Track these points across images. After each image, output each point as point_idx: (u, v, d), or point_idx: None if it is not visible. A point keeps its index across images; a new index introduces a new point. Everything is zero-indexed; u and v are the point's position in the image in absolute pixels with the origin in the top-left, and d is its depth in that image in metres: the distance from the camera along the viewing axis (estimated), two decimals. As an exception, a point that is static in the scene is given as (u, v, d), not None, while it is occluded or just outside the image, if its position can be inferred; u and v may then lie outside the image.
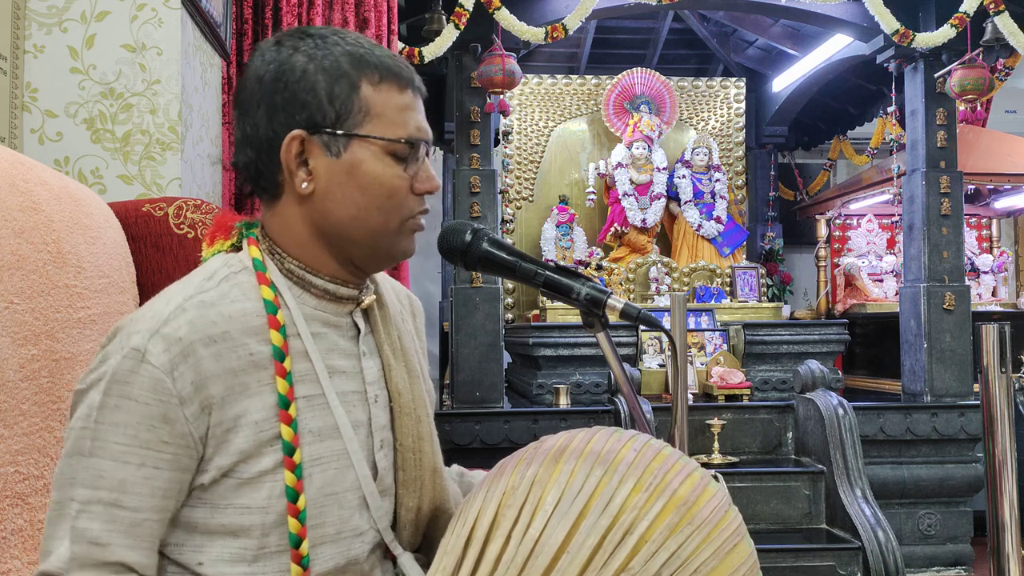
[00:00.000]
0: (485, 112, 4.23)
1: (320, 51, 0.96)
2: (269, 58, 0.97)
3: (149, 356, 0.87)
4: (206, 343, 0.89)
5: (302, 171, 0.96)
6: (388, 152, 0.97)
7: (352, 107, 0.96)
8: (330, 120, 0.95)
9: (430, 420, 1.09)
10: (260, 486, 0.90)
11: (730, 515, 0.88)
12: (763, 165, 6.21)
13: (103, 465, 0.86)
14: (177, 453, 0.88)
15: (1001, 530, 1.21)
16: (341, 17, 3.11)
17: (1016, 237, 6.15)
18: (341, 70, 0.96)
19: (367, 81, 0.96)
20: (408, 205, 0.99)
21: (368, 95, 0.96)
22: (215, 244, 1.03)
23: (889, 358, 4.84)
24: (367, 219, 0.97)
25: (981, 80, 3.91)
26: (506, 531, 0.85)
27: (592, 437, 0.93)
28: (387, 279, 1.16)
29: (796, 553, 3.50)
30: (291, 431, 0.91)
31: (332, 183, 0.96)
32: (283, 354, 0.93)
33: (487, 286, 4.16)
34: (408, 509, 1.04)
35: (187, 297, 0.92)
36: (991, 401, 1.21)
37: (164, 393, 0.87)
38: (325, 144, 0.96)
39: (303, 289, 1.00)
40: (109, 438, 0.86)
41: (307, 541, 0.92)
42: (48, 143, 1.97)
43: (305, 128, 0.95)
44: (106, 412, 0.87)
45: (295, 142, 0.95)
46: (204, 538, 0.91)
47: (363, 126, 0.96)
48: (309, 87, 0.95)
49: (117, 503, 0.86)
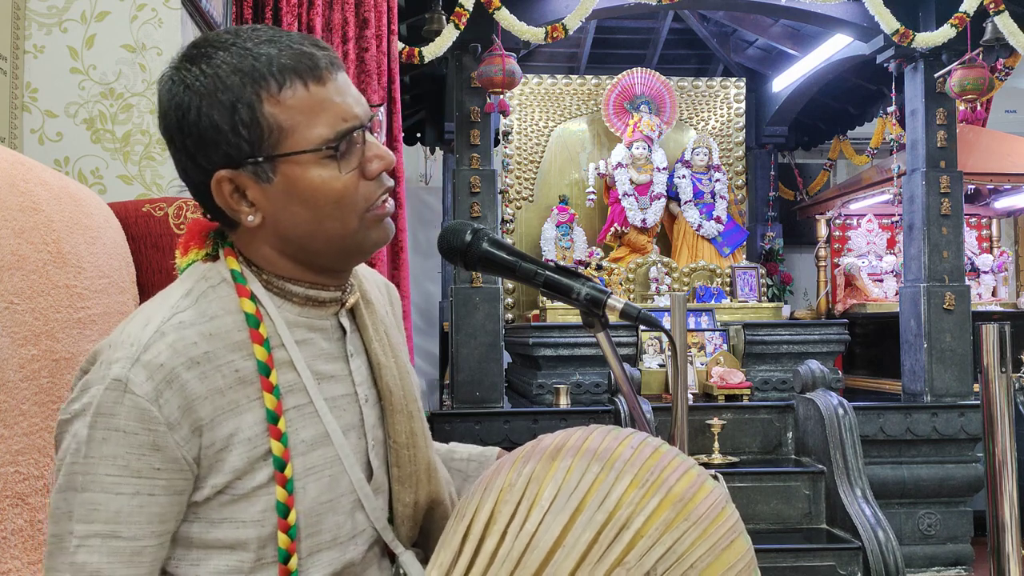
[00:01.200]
0: (485, 112, 4.23)
1: (206, 79, 0.89)
2: (166, 96, 0.92)
3: (132, 386, 0.85)
4: (188, 366, 0.87)
5: (243, 205, 0.93)
6: (320, 159, 0.91)
7: (261, 130, 0.90)
8: (245, 151, 0.90)
9: (421, 415, 1.08)
10: (255, 500, 0.89)
11: (727, 511, 0.89)
12: (763, 165, 6.21)
13: (97, 499, 0.84)
14: (171, 478, 0.86)
15: (1001, 530, 1.21)
16: (341, 17, 3.11)
17: (1016, 237, 6.15)
18: (234, 96, 0.89)
19: (265, 96, 0.89)
20: (363, 197, 0.94)
21: (272, 111, 0.89)
22: (189, 253, 0.99)
23: (889, 358, 4.84)
24: (323, 229, 0.93)
25: (981, 80, 3.91)
26: (502, 526, 0.86)
27: (589, 435, 0.93)
28: (365, 270, 1.13)
29: (796, 553, 3.50)
30: (281, 446, 0.90)
31: (276, 208, 0.92)
32: (268, 368, 0.91)
33: (487, 286, 4.16)
34: (405, 505, 1.03)
35: (164, 320, 0.89)
36: (991, 401, 1.21)
37: (151, 421, 0.85)
38: (253, 174, 0.91)
39: (283, 299, 0.98)
40: (100, 471, 0.84)
41: (299, 553, 0.91)
42: (48, 143, 1.97)
43: (226, 166, 0.91)
44: (94, 446, 0.85)
45: (224, 183, 0.91)
46: (201, 552, 0.90)
47: (280, 144, 0.90)
48: (210, 125, 0.89)
49: (115, 534, 0.84)
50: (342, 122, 0.92)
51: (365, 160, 0.94)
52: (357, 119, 0.94)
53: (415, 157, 7.47)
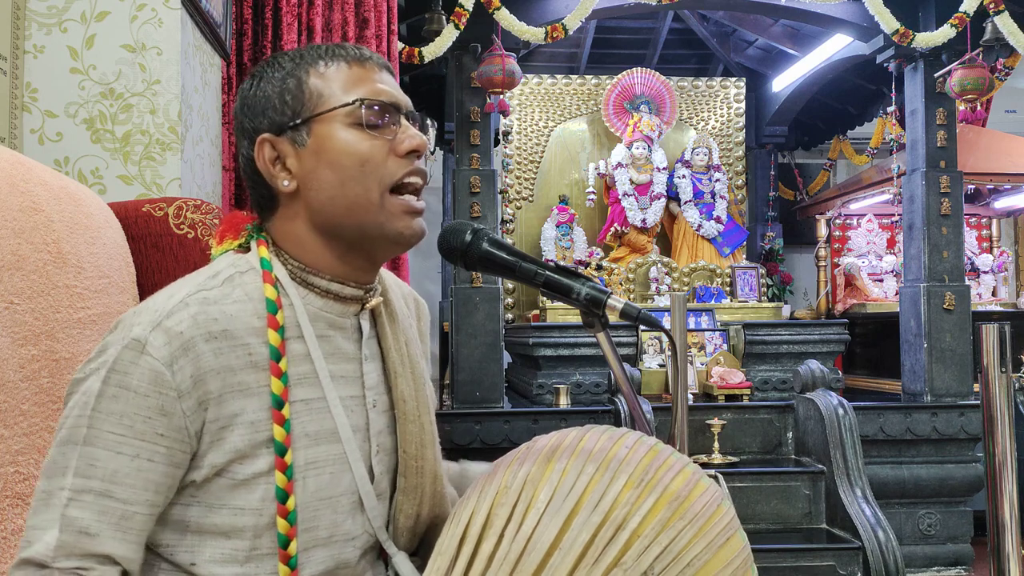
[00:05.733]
0: (485, 112, 4.23)
1: (268, 67, 1.02)
2: (239, 96, 1.04)
3: (149, 348, 0.87)
4: (207, 339, 0.90)
5: (280, 172, 0.99)
6: (352, 123, 0.97)
7: (304, 96, 0.99)
8: (288, 116, 0.99)
9: (433, 427, 1.09)
10: (255, 488, 0.90)
11: (722, 509, 0.89)
12: (763, 165, 6.21)
13: (97, 454, 0.86)
14: (171, 447, 0.88)
15: (1001, 530, 1.22)
16: (341, 17, 3.11)
17: (1016, 237, 6.15)
18: (286, 72, 1.00)
19: (313, 71, 1.00)
20: (388, 170, 0.98)
21: (316, 82, 0.99)
22: (224, 243, 1.03)
23: (889, 358, 4.84)
24: (345, 193, 0.97)
25: (981, 80, 3.91)
26: (499, 529, 0.86)
27: (584, 435, 0.94)
28: (394, 280, 1.16)
29: (796, 553, 3.50)
30: (283, 431, 0.91)
31: (307, 172, 0.98)
32: (279, 354, 0.93)
33: (487, 286, 4.16)
34: (407, 516, 1.03)
35: (190, 293, 0.93)
36: (991, 401, 1.22)
37: (163, 385, 0.87)
38: (292, 140, 0.99)
39: (307, 289, 0.99)
40: (104, 427, 0.86)
41: (297, 543, 0.92)
42: (48, 143, 1.97)
43: (269, 131, 0.99)
44: (103, 401, 0.87)
45: (265, 145, 0.99)
46: (196, 538, 0.91)
47: (317, 107, 0.98)
48: (263, 98, 1.00)
49: (108, 493, 0.86)
50: (375, 93, 0.99)
51: (398, 138, 0.99)
52: (394, 98, 1.00)
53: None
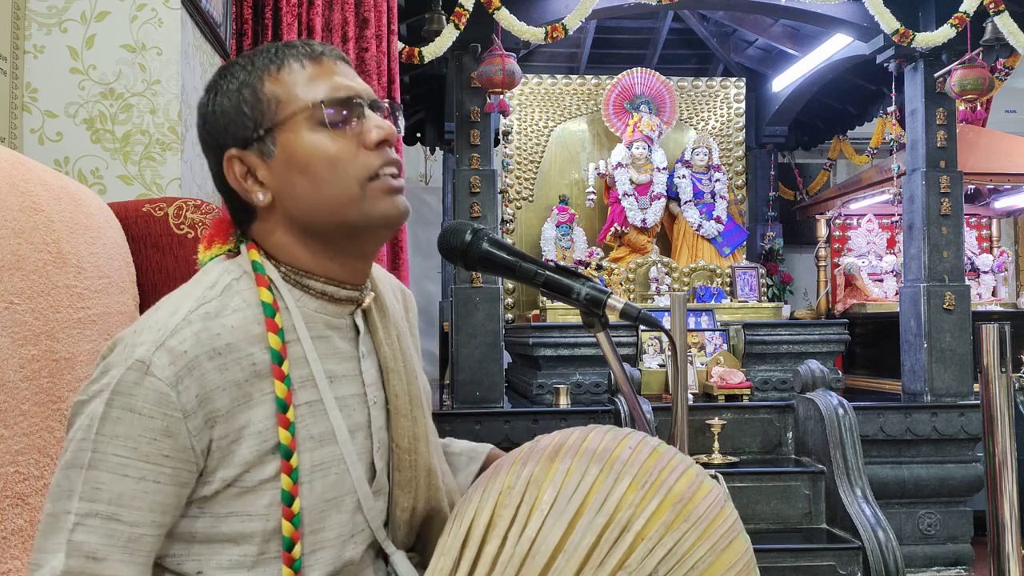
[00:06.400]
0: (485, 112, 4.23)
1: (222, 80, 0.99)
2: (198, 113, 1.03)
3: (154, 369, 0.86)
4: (211, 356, 0.89)
5: (253, 185, 0.97)
6: (316, 125, 0.95)
7: (262, 105, 0.96)
8: (250, 129, 0.96)
9: (427, 420, 1.08)
10: (262, 493, 0.90)
11: (726, 511, 0.88)
12: (763, 165, 6.21)
13: (102, 477, 0.85)
14: (177, 467, 0.87)
15: (1001, 530, 1.22)
16: (341, 17, 3.11)
17: (1016, 237, 6.15)
18: (240, 82, 0.97)
19: (267, 77, 0.97)
20: (363, 165, 0.96)
21: (272, 88, 0.96)
22: (212, 248, 1.02)
23: (889, 358, 4.84)
24: (322, 197, 0.95)
25: (981, 80, 3.91)
26: (503, 531, 0.85)
27: (587, 435, 0.93)
28: (382, 272, 1.15)
29: (796, 553, 3.50)
30: (288, 435, 0.91)
31: (281, 182, 0.96)
32: (281, 357, 0.92)
33: (487, 286, 4.16)
34: (403, 509, 1.03)
35: (191, 309, 0.91)
36: (991, 401, 1.22)
37: (168, 406, 0.86)
38: (259, 152, 0.96)
39: (302, 291, 0.99)
40: (109, 450, 0.85)
41: (302, 545, 0.91)
42: (48, 143, 1.97)
43: (235, 146, 0.97)
44: (107, 424, 0.85)
45: (233, 162, 0.97)
46: (204, 547, 0.91)
47: (278, 115, 0.96)
48: (222, 113, 0.98)
49: (115, 517, 0.85)
50: (334, 90, 0.96)
51: (364, 130, 0.97)
52: (354, 91, 0.98)
53: (415, 157, 7.46)
